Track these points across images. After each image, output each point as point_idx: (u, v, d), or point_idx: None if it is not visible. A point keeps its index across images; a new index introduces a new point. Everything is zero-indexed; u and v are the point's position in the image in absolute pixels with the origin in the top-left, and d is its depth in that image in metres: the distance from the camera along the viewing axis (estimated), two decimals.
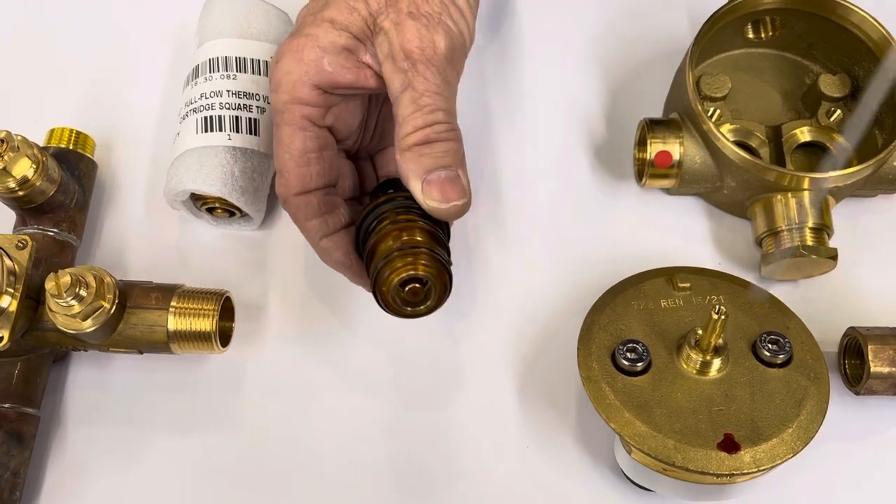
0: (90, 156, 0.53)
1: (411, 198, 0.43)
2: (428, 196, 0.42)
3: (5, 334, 0.43)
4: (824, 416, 0.42)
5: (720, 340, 0.42)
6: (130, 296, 0.46)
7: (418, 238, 0.42)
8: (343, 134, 0.46)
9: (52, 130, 0.52)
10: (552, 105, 0.57)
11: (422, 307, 0.42)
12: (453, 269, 0.43)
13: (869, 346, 0.46)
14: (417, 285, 0.41)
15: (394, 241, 0.42)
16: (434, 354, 0.50)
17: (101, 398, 0.49)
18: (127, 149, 0.56)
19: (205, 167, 0.48)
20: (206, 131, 0.49)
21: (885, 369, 0.45)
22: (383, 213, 0.43)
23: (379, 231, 0.43)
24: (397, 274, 0.41)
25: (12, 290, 0.44)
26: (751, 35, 0.56)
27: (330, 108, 0.44)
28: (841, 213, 0.52)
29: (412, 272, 0.41)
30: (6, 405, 0.45)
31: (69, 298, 0.43)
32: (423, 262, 0.41)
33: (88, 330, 0.44)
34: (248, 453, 0.48)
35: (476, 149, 0.54)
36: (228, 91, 0.50)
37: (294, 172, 0.44)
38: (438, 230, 0.44)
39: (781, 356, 0.43)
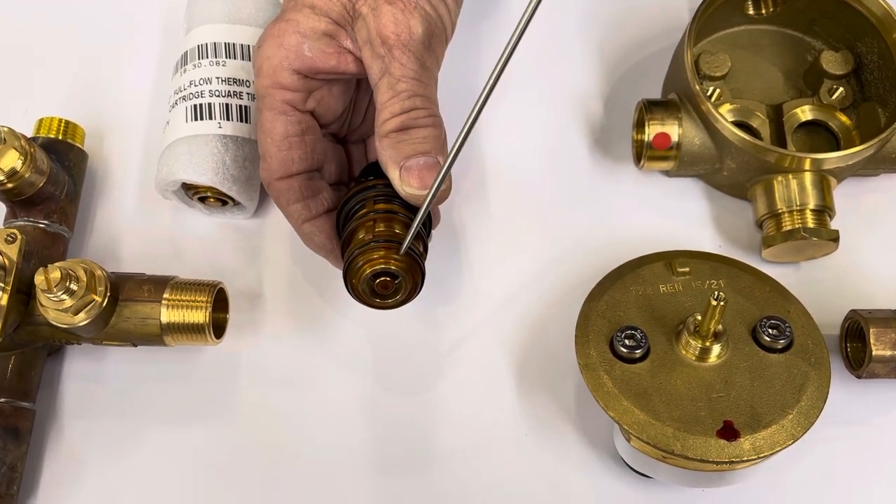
0: (80, 146, 0.52)
1: (392, 185, 0.42)
2: (406, 183, 0.42)
3: None
4: (825, 402, 0.41)
5: (719, 326, 0.42)
6: (122, 288, 0.46)
7: (395, 230, 0.42)
8: (327, 118, 0.46)
9: (41, 120, 0.51)
10: (548, 87, 0.56)
11: (390, 300, 0.42)
12: (446, 259, 0.42)
13: (871, 330, 0.45)
14: (388, 279, 0.41)
15: (367, 231, 0.41)
16: (430, 343, 0.50)
17: (96, 391, 0.49)
18: (118, 138, 0.55)
19: (195, 156, 0.48)
20: (196, 119, 0.48)
21: (887, 352, 0.45)
22: (363, 200, 0.43)
23: (356, 219, 0.43)
24: (370, 266, 0.40)
25: (2, 285, 0.43)
26: (751, 11, 0.55)
27: (311, 93, 0.44)
28: (843, 193, 0.51)
29: (383, 266, 0.40)
30: (1, 400, 0.45)
31: (60, 293, 0.42)
32: (394, 256, 0.40)
33: (80, 324, 0.43)
34: (244, 444, 0.48)
35: (471, 133, 0.53)
36: (218, 78, 0.49)
37: (276, 157, 0.44)
38: (406, 213, 0.43)
39: (782, 341, 0.43)
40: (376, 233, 0.41)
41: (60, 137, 0.51)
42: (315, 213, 0.45)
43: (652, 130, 0.50)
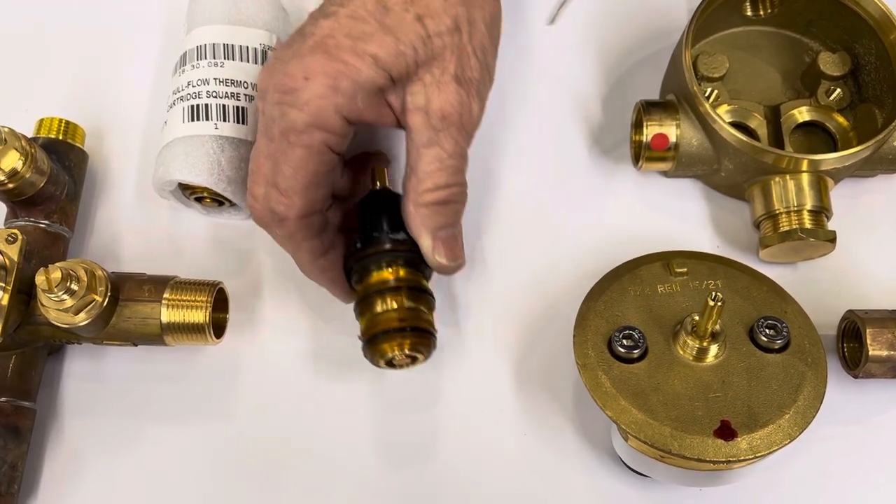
0: (80, 146, 0.52)
1: (405, 242, 0.44)
2: (438, 253, 0.44)
3: None
4: (821, 402, 0.42)
5: (717, 326, 0.42)
6: (123, 288, 0.46)
7: (422, 310, 0.44)
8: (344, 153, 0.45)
9: (41, 121, 0.51)
10: (547, 87, 0.56)
11: (401, 367, 0.45)
12: None
13: (867, 330, 0.45)
14: (410, 360, 0.44)
15: (395, 304, 0.43)
16: None
17: (96, 390, 0.49)
18: (118, 137, 0.55)
19: (191, 157, 0.48)
20: (193, 120, 0.48)
21: (884, 353, 0.45)
22: (385, 260, 0.44)
23: (379, 284, 0.44)
24: (391, 349, 0.43)
25: (3, 285, 0.44)
26: (749, 12, 0.55)
27: (346, 137, 0.43)
28: (840, 194, 0.51)
29: (410, 352, 0.43)
30: (1, 399, 0.45)
31: (60, 293, 0.43)
32: (415, 341, 0.43)
33: (81, 324, 0.44)
34: (243, 443, 0.48)
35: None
36: (216, 79, 0.49)
37: (301, 195, 0.42)
38: (427, 286, 0.46)
39: (779, 341, 0.43)
40: (405, 313, 0.43)
41: (61, 137, 0.51)
42: (328, 246, 0.44)
43: (650, 131, 0.50)
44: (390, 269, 0.44)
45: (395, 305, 0.43)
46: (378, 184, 0.47)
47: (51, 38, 0.58)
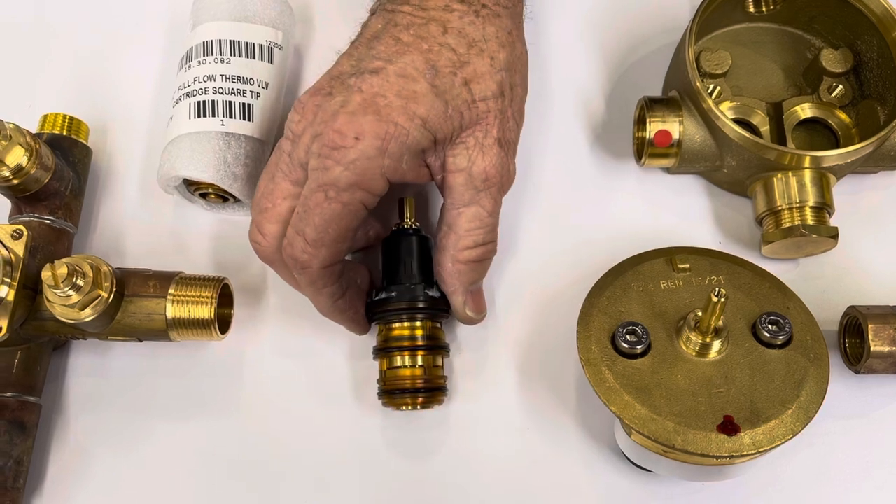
0: (84, 141, 0.52)
1: (437, 300, 0.47)
2: (469, 308, 0.46)
3: (3, 324, 0.43)
4: (824, 397, 0.42)
5: (720, 322, 0.42)
6: (128, 284, 0.46)
7: (437, 365, 0.47)
8: None
9: (45, 116, 0.51)
10: (550, 84, 0.56)
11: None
12: None
13: (869, 326, 0.46)
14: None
15: (411, 360, 0.46)
16: None
17: (101, 385, 0.50)
18: (121, 133, 0.55)
19: (197, 153, 0.48)
20: (199, 116, 0.49)
21: (886, 348, 0.45)
22: (406, 311, 0.46)
23: (399, 340, 0.47)
24: (405, 405, 0.46)
25: (9, 281, 0.44)
26: (752, 9, 0.55)
27: (382, 195, 0.43)
28: (842, 191, 0.52)
29: (416, 408, 0.47)
30: (7, 394, 0.46)
31: (66, 288, 0.43)
32: (427, 399, 0.47)
33: (87, 319, 0.44)
34: (247, 437, 0.48)
35: None
36: (222, 75, 0.49)
37: (331, 247, 0.42)
38: (444, 339, 0.49)
39: (781, 337, 0.43)
40: (421, 371, 0.46)
41: (65, 133, 0.51)
42: (346, 288, 0.45)
43: (653, 128, 0.50)
44: (416, 325, 0.47)
45: (412, 363, 0.46)
46: (406, 220, 0.49)
47: (55, 34, 0.58)
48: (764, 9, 0.55)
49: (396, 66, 0.42)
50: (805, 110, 0.52)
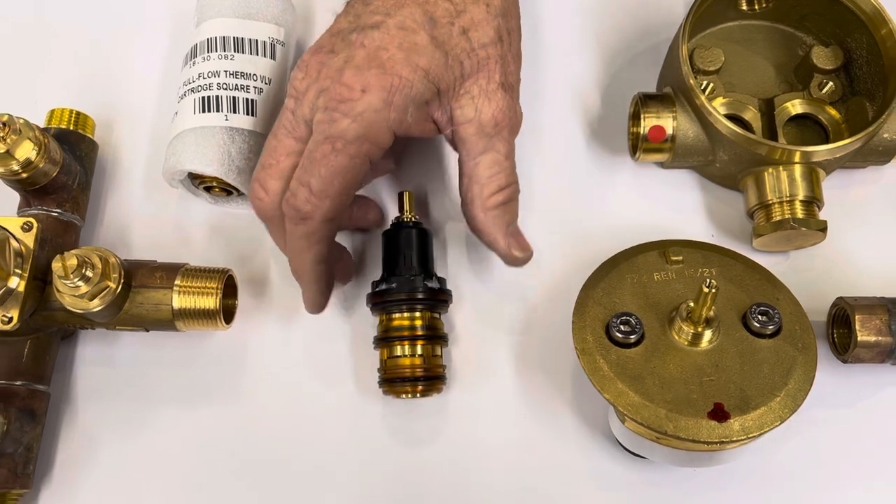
0: (91, 136, 0.53)
1: (436, 291, 0.48)
2: (514, 248, 0.46)
3: (14, 314, 0.44)
4: (811, 385, 0.43)
5: (711, 313, 0.43)
6: (135, 275, 0.47)
7: (436, 353, 0.48)
8: None
9: (52, 111, 0.52)
10: (547, 80, 0.57)
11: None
12: (452, 247, 0.47)
13: (856, 316, 0.47)
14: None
15: (411, 351, 0.48)
16: None
17: (108, 374, 0.51)
18: (127, 128, 0.56)
19: (202, 147, 0.49)
20: (204, 111, 0.50)
21: (872, 338, 0.47)
22: (406, 304, 0.48)
23: (398, 329, 0.48)
24: (405, 393, 0.48)
25: (20, 272, 0.45)
26: (744, 7, 0.56)
27: (386, 149, 0.44)
28: (831, 185, 0.53)
29: (416, 395, 0.48)
30: (17, 383, 0.47)
31: (76, 279, 0.44)
32: (427, 387, 0.48)
33: (95, 309, 0.45)
34: (250, 425, 0.50)
35: None
36: (226, 71, 0.50)
37: (335, 200, 0.43)
38: (443, 329, 0.50)
39: (771, 327, 0.44)
40: (421, 360, 0.47)
41: (72, 128, 0.52)
42: (329, 258, 0.46)
43: (647, 123, 0.51)
44: (415, 316, 0.48)
45: (412, 352, 0.47)
46: (405, 213, 0.50)
47: (60, 31, 0.59)
48: (756, 7, 0.56)
49: (395, 20, 0.43)
50: (796, 106, 0.53)
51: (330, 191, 0.43)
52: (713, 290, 0.41)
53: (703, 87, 0.53)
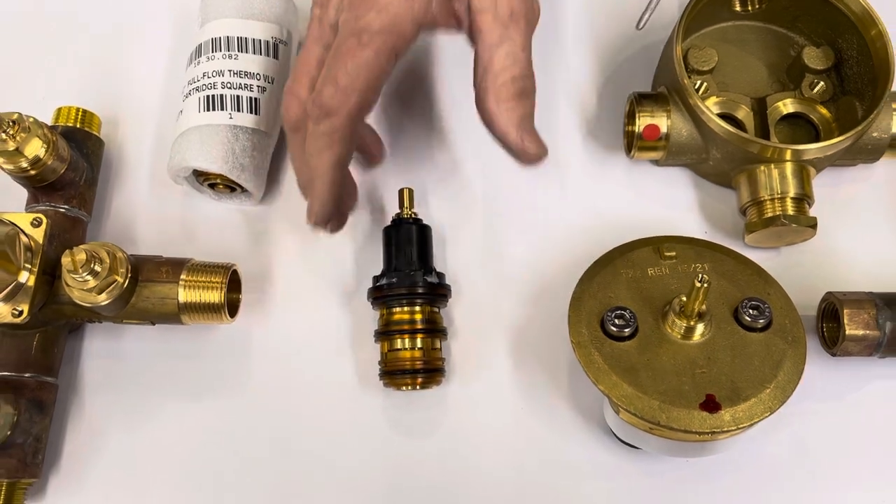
0: (97, 134, 0.54)
1: (435, 286, 0.49)
2: (528, 143, 0.44)
3: (25, 308, 0.46)
4: (800, 377, 0.44)
5: (703, 307, 0.45)
6: (142, 270, 0.48)
7: (435, 346, 0.50)
8: None
9: (60, 109, 0.53)
10: (545, 78, 0.57)
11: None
12: (452, 241, 0.48)
13: (845, 311, 0.48)
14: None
15: (410, 344, 0.49)
16: None
17: (115, 367, 0.52)
18: (132, 126, 0.57)
19: (206, 145, 0.50)
20: (208, 110, 0.51)
21: (860, 332, 0.48)
22: (406, 297, 0.49)
23: (399, 323, 0.49)
24: (405, 385, 0.49)
25: (30, 266, 0.46)
26: (738, 7, 0.57)
27: (413, 43, 0.44)
28: (822, 183, 0.54)
29: (416, 388, 0.49)
30: (26, 374, 0.48)
31: (84, 274, 0.45)
32: (426, 379, 0.49)
33: (103, 303, 0.46)
34: (254, 417, 0.51)
35: (469, 120, 0.55)
36: (230, 71, 0.51)
37: (359, 94, 0.43)
38: (442, 323, 0.51)
39: (761, 321, 0.45)
40: (420, 353, 0.49)
41: (78, 126, 0.53)
42: (346, 161, 0.45)
43: (642, 122, 0.52)
44: (415, 310, 0.49)
45: (412, 345, 0.49)
46: (405, 209, 0.51)
47: (67, 30, 0.60)
48: (750, 8, 0.57)
49: None
50: (787, 105, 0.55)
51: (356, 85, 0.43)
52: (705, 285, 0.43)
53: (696, 87, 0.54)
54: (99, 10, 0.61)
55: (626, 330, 0.45)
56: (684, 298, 0.45)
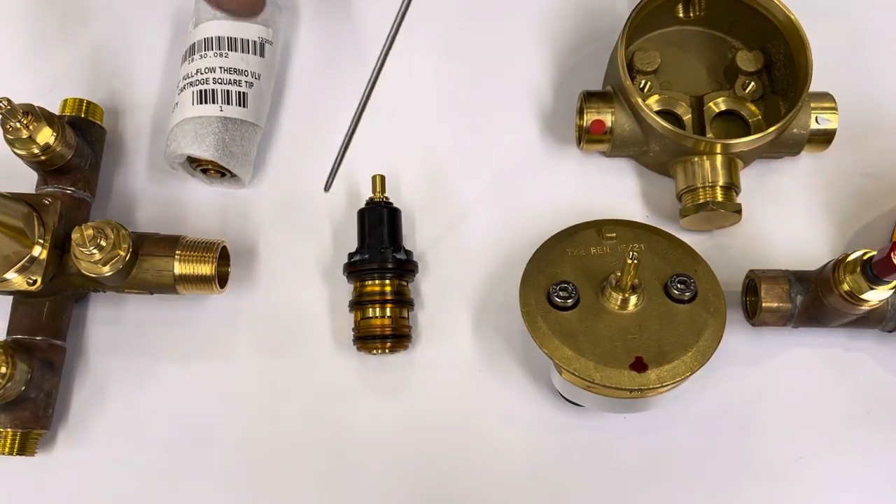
0: (100, 123, 0.59)
1: (403, 262, 0.55)
2: None
3: (38, 278, 0.51)
4: (719, 343, 0.50)
5: (636, 281, 0.51)
6: (142, 245, 0.54)
7: (403, 315, 0.55)
8: None
9: (65, 101, 0.59)
10: (505, 76, 0.64)
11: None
12: (422, 224, 0.56)
13: (762, 285, 0.54)
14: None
15: (380, 313, 0.54)
16: None
17: (116, 332, 0.57)
18: (132, 116, 0.62)
19: (200, 134, 0.56)
20: (201, 103, 0.56)
21: (774, 304, 0.54)
22: (378, 272, 0.54)
23: (370, 294, 0.55)
24: (375, 350, 0.55)
25: (42, 241, 0.52)
26: (681, 14, 0.63)
27: None
28: (752, 174, 0.60)
29: (385, 352, 0.55)
30: (38, 337, 0.54)
31: (91, 248, 0.50)
32: (395, 344, 0.55)
33: (107, 274, 0.52)
34: (241, 377, 0.56)
35: (437, 113, 0.61)
36: (221, 67, 0.57)
37: None
38: (410, 295, 0.56)
39: (688, 294, 0.51)
40: (389, 321, 0.54)
41: (83, 116, 0.58)
42: None
43: (589, 117, 0.58)
44: (385, 283, 0.55)
45: (382, 314, 0.54)
46: (378, 193, 0.57)
47: (72, 28, 0.65)
48: (691, 14, 0.63)
49: None
50: (722, 103, 0.60)
51: None
52: (635, 262, 0.48)
53: (641, 86, 0.60)
54: (104, 10, 0.65)
55: (569, 301, 0.51)
56: (619, 273, 0.51)
